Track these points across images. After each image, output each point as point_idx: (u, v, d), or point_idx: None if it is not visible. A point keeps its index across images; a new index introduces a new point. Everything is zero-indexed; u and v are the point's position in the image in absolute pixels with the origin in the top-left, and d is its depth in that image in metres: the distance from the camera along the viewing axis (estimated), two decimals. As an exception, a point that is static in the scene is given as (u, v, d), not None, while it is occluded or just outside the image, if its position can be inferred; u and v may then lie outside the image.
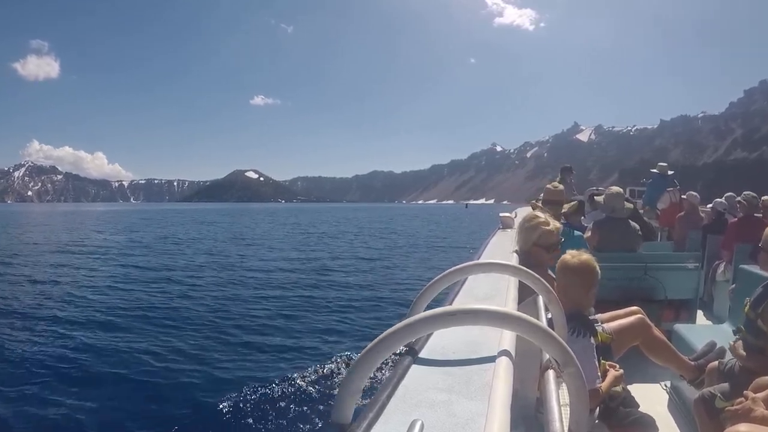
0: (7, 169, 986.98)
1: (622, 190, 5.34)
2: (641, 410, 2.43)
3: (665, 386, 3.59)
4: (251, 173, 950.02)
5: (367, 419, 0.79)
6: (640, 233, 5.17)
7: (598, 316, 2.89)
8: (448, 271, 1.50)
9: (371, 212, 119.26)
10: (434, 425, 0.79)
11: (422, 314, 0.94)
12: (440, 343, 1.18)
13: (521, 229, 2.95)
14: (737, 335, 2.65)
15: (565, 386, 1.09)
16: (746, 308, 2.53)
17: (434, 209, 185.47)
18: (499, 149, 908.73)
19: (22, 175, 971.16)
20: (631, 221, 5.17)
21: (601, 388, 2.19)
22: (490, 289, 1.87)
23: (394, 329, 0.90)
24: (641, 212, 7.40)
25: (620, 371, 2.43)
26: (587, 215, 6.21)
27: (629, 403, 2.44)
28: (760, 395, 1.99)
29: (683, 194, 8.53)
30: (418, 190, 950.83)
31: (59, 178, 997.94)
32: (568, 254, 2.46)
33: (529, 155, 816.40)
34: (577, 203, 5.27)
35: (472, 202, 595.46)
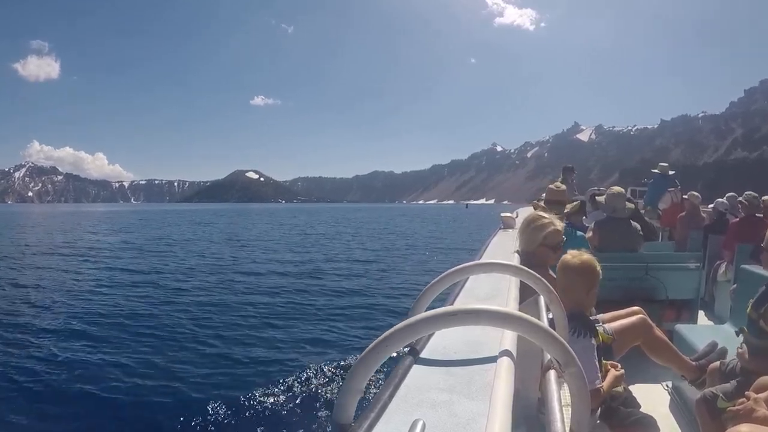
0: (7, 169, 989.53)
1: (623, 190, 5.33)
2: (643, 410, 2.42)
3: (667, 386, 3.58)
4: (252, 173, 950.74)
5: (368, 419, 0.79)
6: (641, 233, 5.16)
7: (599, 316, 2.89)
8: (449, 271, 1.50)
9: (371, 212, 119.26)
10: (435, 425, 0.79)
11: (423, 314, 0.94)
12: (441, 343, 1.18)
13: (526, 229, 2.93)
14: (739, 336, 2.65)
15: (566, 386, 1.09)
16: (748, 309, 2.52)
17: (434, 209, 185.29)
18: (499, 149, 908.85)
19: (22, 175, 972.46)
20: (632, 221, 5.17)
21: (602, 388, 2.19)
22: (491, 289, 1.87)
23: (395, 329, 0.90)
24: (642, 212, 7.39)
25: (621, 371, 2.43)
26: (588, 215, 6.21)
27: (630, 403, 2.43)
28: (762, 395, 1.99)
29: (684, 194, 8.52)
30: (418, 190, 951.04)
31: (60, 178, 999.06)
32: (569, 254, 2.46)
33: (529, 155, 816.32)
34: (579, 203, 5.26)
35: (472, 202, 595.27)
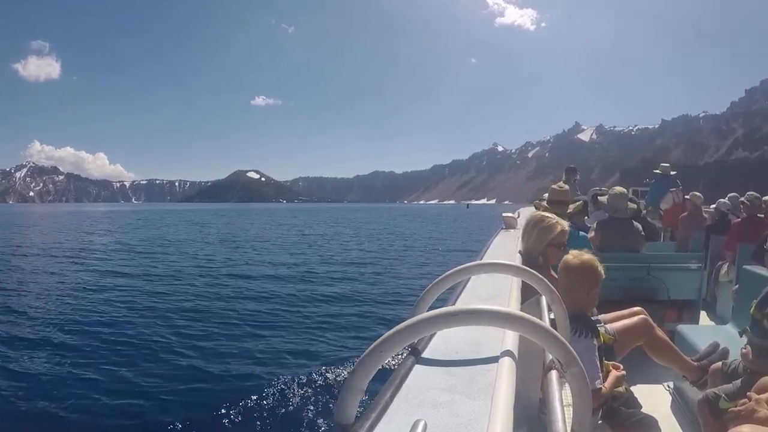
0: (8, 169, 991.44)
1: (625, 190, 5.32)
2: (644, 411, 2.43)
3: (668, 387, 3.58)
4: (252, 173, 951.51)
5: (369, 419, 0.78)
6: (643, 233, 5.16)
7: (600, 316, 2.89)
8: (451, 271, 1.50)
9: (372, 213, 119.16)
10: (437, 425, 0.79)
11: (425, 314, 0.94)
12: (443, 343, 1.18)
13: (533, 229, 2.92)
14: (743, 336, 2.64)
15: (568, 386, 1.09)
16: (752, 309, 2.52)
17: (435, 209, 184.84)
18: (500, 149, 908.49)
19: (23, 175, 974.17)
20: (634, 221, 5.16)
21: (603, 388, 2.19)
22: (493, 289, 1.87)
23: (397, 329, 0.90)
24: (644, 213, 7.39)
25: (622, 372, 2.43)
26: (590, 215, 6.21)
27: (632, 403, 2.43)
28: (764, 396, 1.99)
29: (686, 194, 8.51)
30: (419, 190, 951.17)
31: (61, 178, 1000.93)
32: (570, 254, 2.46)
33: (530, 155, 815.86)
34: (582, 203, 5.25)
35: (473, 202, 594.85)
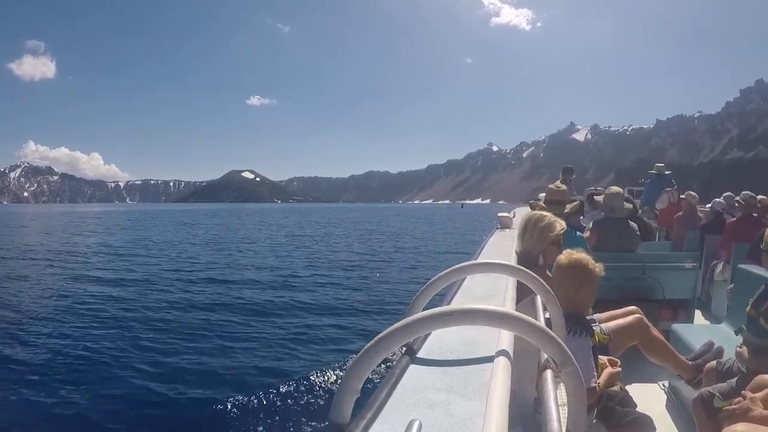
0: (2, 170, 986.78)
1: (621, 190, 5.33)
2: (639, 410, 2.43)
3: (663, 386, 3.59)
4: (247, 173, 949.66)
5: (365, 419, 0.78)
6: (638, 233, 5.17)
7: (596, 316, 2.89)
8: (446, 270, 1.50)
9: (367, 213, 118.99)
10: (432, 425, 0.78)
11: (420, 314, 0.93)
12: (438, 343, 1.18)
13: (534, 228, 2.91)
14: (739, 335, 2.65)
15: (563, 386, 1.09)
16: (748, 307, 2.53)
17: (430, 209, 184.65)
18: (495, 149, 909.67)
19: (18, 175, 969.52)
20: (630, 221, 5.18)
21: (597, 386, 2.19)
22: (488, 289, 1.87)
23: (392, 329, 0.90)
24: (640, 212, 7.41)
25: (617, 369, 2.43)
26: (586, 215, 6.22)
27: (627, 402, 2.44)
28: (758, 395, 1.99)
29: (681, 194, 8.54)
30: (414, 190, 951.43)
31: (55, 178, 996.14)
32: (562, 254, 2.47)
33: (525, 155, 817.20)
34: (579, 203, 5.26)
35: (468, 202, 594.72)
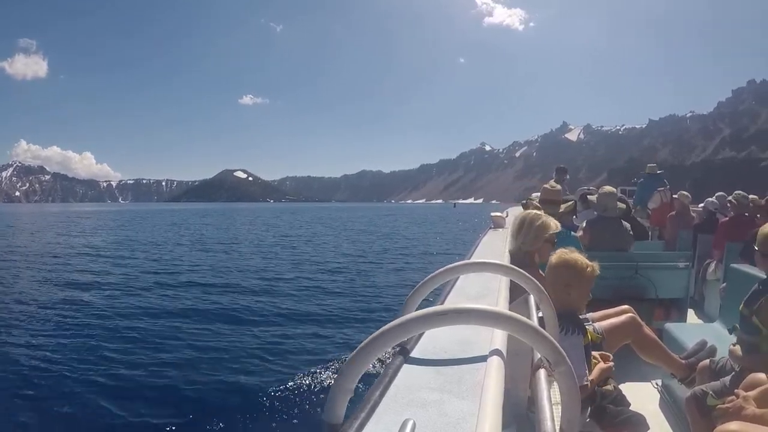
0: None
1: (615, 189, 5.35)
2: (632, 409, 2.44)
3: (656, 385, 3.61)
4: (240, 173, 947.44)
5: (358, 419, 0.78)
6: (631, 233, 5.19)
7: (588, 315, 2.90)
8: (439, 270, 1.50)
9: (359, 212, 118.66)
10: (426, 425, 0.78)
11: (414, 314, 0.93)
12: (432, 342, 1.18)
13: (530, 227, 2.88)
14: (732, 334, 2.66)
15: (556, 385, 1.09)
16: (741, 306, 2.54)
17: (423, 209, 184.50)
18: (488, 149, 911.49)
19: (9, 175, 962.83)
20: (623, 221, 5.20)
21: (590, 382, 2.19)
22: (481, 288, 1.87)
23: (385, 328, 0.90)
24: (633, 212, 7.44)
25: (609, 364, 2.42)
26: (579, 215, 6.24)
27: (620, 401, 2.44)
28: (751, 393, 2.01)
29: (674, 194, 8.59)
30: (406, 189, 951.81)
31: (47, 178, 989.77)
32: (554, 253, 2.47)
33: (518, 155, 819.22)
34: (573, 203, 5.26)
35: (460, 201, 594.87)
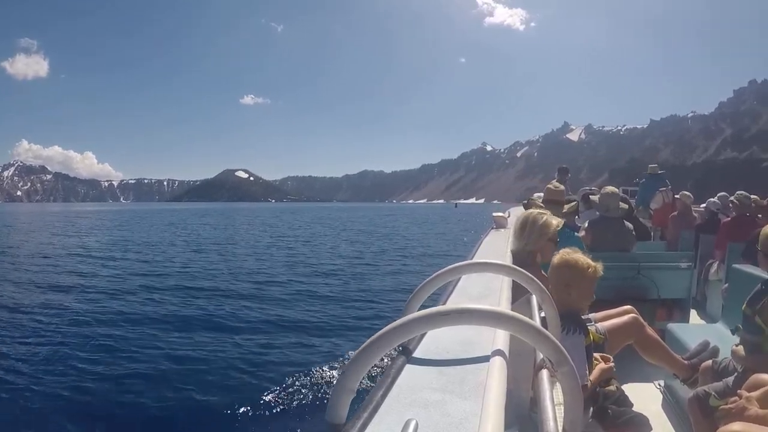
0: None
1: (617, 189, 5.34)
2: (635, 409, 2.44)
3: (659, 385, 3.61)
4: (241, 173, 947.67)
5: (361, 419, 0.78)
6: (634, 233, 5.18)
7: (591, 315, 2.89)
8: (441, 270, 1.50)
9: (360, 212, 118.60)
10: (428, 425, 0.78)
11: (416, 314, 0.93)
12: (434, 342, 1.18)
13: (532, 226, 2.87)
14: (735, 334, 2.65)
15: (558, 385, 1.09)
16: (744, 306, 2.53)
17: (424, 209, 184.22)
18: (489, 149, 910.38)
19: (11, 174, 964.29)
20: (625, 221, 5.19)
21: (589, 382, 2.18)
22: (483, 288, 1.87)
23: (388, 329, 0.89)
24: (635, 212, 7.43)
25: (609, 365, 2.42)
26: (581, 215, 6.24)
27: (623, 402, 2.44)
28: (754, 394, 2.00)
29: (676, 194, 8.57)
30: (408, 189, 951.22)
31: (48, 177, 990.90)
32: (557, 253, 2.47)
33: (519, 155, 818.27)
34: (576, 203, 5.25)
35: (462, 201, 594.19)
